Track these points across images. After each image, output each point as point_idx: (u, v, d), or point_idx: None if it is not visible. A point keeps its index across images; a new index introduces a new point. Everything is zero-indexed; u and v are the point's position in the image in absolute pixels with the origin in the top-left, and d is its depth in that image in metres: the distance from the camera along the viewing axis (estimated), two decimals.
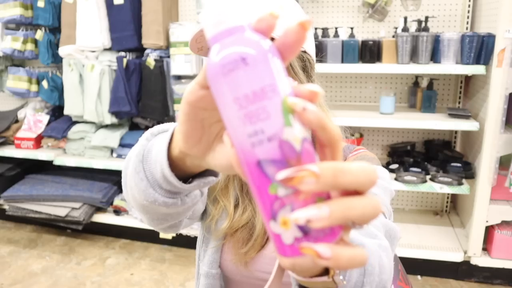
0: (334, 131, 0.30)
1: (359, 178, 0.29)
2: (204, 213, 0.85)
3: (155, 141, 0.49)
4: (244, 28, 0.30)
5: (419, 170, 2.28)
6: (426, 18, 2.21)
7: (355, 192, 0.29)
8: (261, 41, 0.29)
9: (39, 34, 2.83)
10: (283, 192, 0.28)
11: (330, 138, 0.30)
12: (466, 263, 2.26)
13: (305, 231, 0.29)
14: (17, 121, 3.15)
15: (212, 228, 0.83)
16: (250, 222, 0.79)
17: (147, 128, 2.96)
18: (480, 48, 2.04)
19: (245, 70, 0.28)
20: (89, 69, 2.70)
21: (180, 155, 0.43)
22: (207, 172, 0.48)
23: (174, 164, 0.44)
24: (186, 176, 0.46)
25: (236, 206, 0.81)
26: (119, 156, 2.81)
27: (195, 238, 0.73)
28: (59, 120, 3.01)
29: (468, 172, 2.26)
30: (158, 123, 3.01)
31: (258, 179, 0.29)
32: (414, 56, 2.17)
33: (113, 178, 2.99)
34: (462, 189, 2.18)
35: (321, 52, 2.22)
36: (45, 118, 2.99)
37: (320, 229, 0.28)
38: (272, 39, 0.33)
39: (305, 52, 0.74)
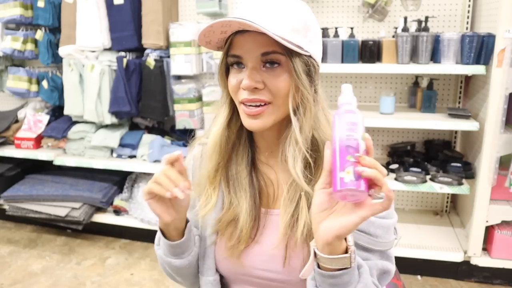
0: (372, 153, 0.59)
1: (380, 169, 0.57)
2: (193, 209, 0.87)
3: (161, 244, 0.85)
4: (354, 107, 0.62)
5: (419, 170, 2.28)
6: (426, 18, 2.21)
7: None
8: (359, 115, 0.61)
9: (39, 34, 2.83)
10: (352, 160, 0.58)
11: (371, 154, 0.59)
12: (466, 263, 2.26)
13: (356, 177, 0.57)
14: (17, 121, 3.15)
15: (202, 224, 0.86)
16: (236, 217, 0.81)
17: (147, 128, 2.97)
18: (480, 48, 2.04)
19: (351, 115, 0.61)
20: (89, 69, 2.70)
21: (165, 227, 0.79)
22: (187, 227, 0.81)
23: (171, 237, 0.81)
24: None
25: (222, 202, 0.84)
26: (119, 156, 2.81)
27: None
28: (59, 120, 3.01)
29: (468, 172, 2.26)
30: (158, 123, 3.02)
31: (344, 152, 0.58)
32: (414, 56, 2.17)
33: (113, 178, 2.98)
34: (462, 189, 2.18)
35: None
36: (45, 118, 2.99)
37: (363, 180, 0.57)
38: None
39: (310, 56, 0.75)
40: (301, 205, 0.76)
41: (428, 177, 2.24)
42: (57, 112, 3.10)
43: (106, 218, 2.85)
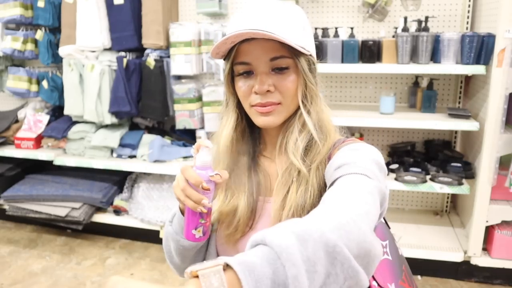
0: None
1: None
2: None
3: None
4: (210, 167, 0.75)
5: (419, 170, 2.28)
6: (426, 18, 2.21)
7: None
8: (210, 170, 0.74)
9: (39, 34, 2.83)
10: (203, 222, 0.77)
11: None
12: (466, 263, 2.26)
13: (204, 233, 0.79)
14: (17, 121, 3.15)
15: None
16: (235, 208, 0.86)
17: (147, 128, 2.97)
18: (480, 48, 2.04)
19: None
20: (89, 69, 2.70)
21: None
22: None
23: None
24: None
25: (225, 195, 0.88)
26: (119, 156, 2.81)
27: None
28: (59, 120, 3.01)
29: (468, 172, 2.26)
30: (158, 123, 3.02)
31: (197, 216, 0.76)
32: (414, 56, 2.17)
33: (113, 178, 2.98)
34: (462, 189, 2.18)
35: (321, 52, 2.22)
36: (45, 118, 2.99)
37: (206, 232, 0.79)
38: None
39: (311, 55, 0.82)
40: (291, 189, 0.80)
41: (428, 177, 2.24)
42: (57, 112, 3.10)
43: (106, 218, 2.85)
